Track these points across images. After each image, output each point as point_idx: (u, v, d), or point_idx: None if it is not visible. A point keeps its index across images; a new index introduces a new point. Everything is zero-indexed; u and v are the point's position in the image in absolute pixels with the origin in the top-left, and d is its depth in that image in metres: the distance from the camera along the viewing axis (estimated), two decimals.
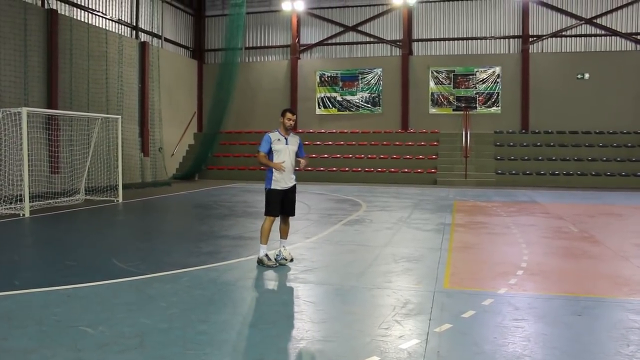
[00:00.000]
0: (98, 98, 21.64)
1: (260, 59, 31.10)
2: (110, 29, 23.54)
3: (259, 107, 30.18)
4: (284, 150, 7.54)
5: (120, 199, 16.26)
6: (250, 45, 30.86)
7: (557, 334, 4.83)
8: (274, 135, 7.59)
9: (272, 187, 7.51)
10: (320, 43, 29.98)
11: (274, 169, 7.45)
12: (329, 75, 29.59)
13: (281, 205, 7.52)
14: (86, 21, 22.12)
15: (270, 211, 7.51)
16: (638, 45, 26.66)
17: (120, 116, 17.71)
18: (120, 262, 7.54)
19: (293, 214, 7.72)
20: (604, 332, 4.88)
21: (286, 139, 7.62)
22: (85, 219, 12.95)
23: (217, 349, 4.29)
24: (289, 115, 7.66)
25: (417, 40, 28.93)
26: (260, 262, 7.40)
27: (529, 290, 6.29)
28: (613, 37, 26.91)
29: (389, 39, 29.05)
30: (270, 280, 6.65)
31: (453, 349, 4.38)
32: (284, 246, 7.59)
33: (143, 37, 25.92)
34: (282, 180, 7.52)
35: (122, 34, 24.21)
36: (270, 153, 7.54)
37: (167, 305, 5.48)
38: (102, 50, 22.02)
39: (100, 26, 22.91)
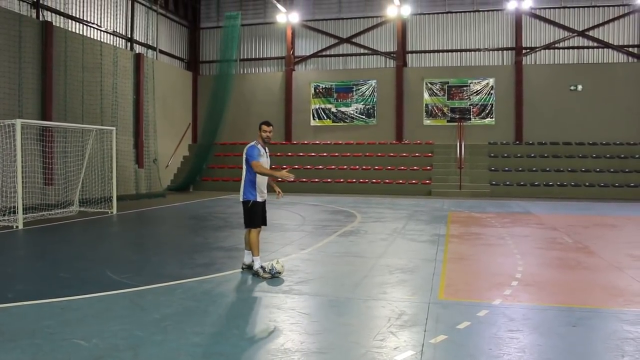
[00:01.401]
0: (93, 110, 21.63)
1: (255, 70, 31.20)
2: (105, 41, 23.59)
3: (254, 118, 30.06)
4: (266, 163, 7.63)
5: (115, 211, 16.21)
6: (245, 57, 30.97)
7: (551, 344, 4.83)
8: (260, 147, 7.63)
9: (257, 199, 7.60)
10: (315, 55, 30.11)
11: (255, 178, 7.54)
12: (324, 86, 29.69)
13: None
14: (81, 33, 22.15)
15: (257, 223, 7.64)
16: (630, 57, 26.90)
17: (114, 128, 17.69)
18: (114, 274, 7.51)
19: (266, 224, 7.92)
20: (598, 343, 4.89)
21: (266, 151, 7.70)
22: (79, 231, 12.89)
23: None
24: (265, 127, 7.72)
25: (411, 52, 29.09)
26: (255, 274, 7.43)
27: (524, 301, 6.29)
28: (605, 49, 27.14)
29: (383, 50, 29.20)
30: (265, 292, 6.63)
31: None
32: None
33: (138, 48, 25.97)
34: (263, 194, 7.71)
35: (117, 45, 24.25)
36: (251, 168, 7.56)
37: (161, 317, 5.46)
38: (97, 62, 22.04)
39: (95, 38, 22.94)
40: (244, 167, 7.62)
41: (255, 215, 7.62)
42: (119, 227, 13.95)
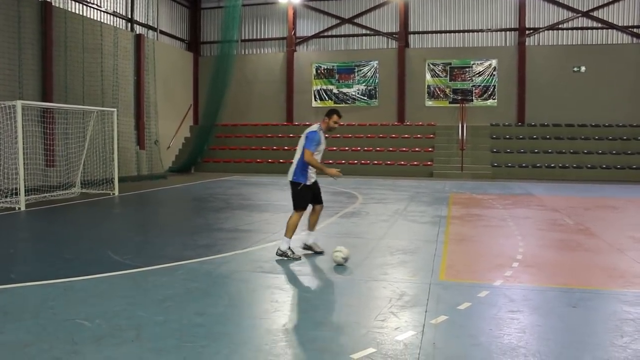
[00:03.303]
0: (93, 91, 21.55)
1: (257, 51, 31.02)
2: (106, 22, 23.43)
3: (255, 99, 30.16)
4: (322, 151, 7.48)
5: (116, 192, 16.23)
6: (246, 38, 30.77)
7: (551, 325, 4.86)
8: (322, 134, 7.38)
9: (308, 183, 7.40)
10: (317, 35, 29.91)
11: (309, 167, 7.32)
12: (325, 67, 29.54)
13: (312, 196, 7.53)
14: (81, 13, 22.00)
15: (303, 206, 7.45)
16: (634, 39, 26.66)
17: (115, 109, 17.66)
18: (117, 255, 7.54)
19: (321, 202, 7.78)
20: (598, 324, 4.91)
21: (325, 138, 7.49)
22: (81, 212, 12.93)
23: (214, 341, 4.30)
24: (336, 117, 7.43)
25: (414, 33, 28.88)
26: (283, 254, 7.35)
27: (525, 282, 6.32)
28: (609, 30, 26.90)
29: (385, 31, 28.99)
30: (266, 272, 6.66)
31: (449, 341, 4.40)
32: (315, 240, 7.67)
33: (138, 29, 25.81)
34: (313, 177, 7.50)
35: (118, 26, 24.10)
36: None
37: (163, 298, 5.49)
38: (97, 42, 21.91)
39: (95, 19, 22.79)
40: (300, 148, 7.39)
41: (302, 199, 7.43)
42: (120, 208, 13.99)
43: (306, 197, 7.43)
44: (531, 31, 27.40)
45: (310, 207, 7.67)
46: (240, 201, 14.67)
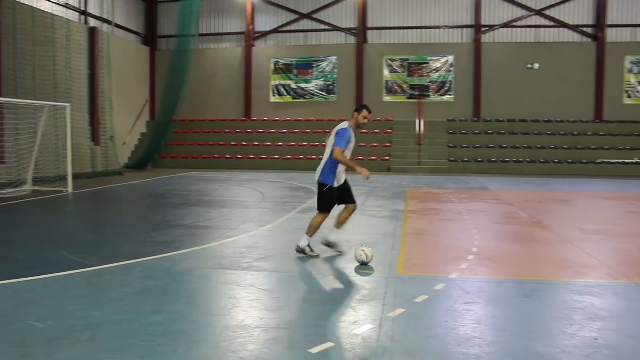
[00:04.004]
0: (45, 85, 20.97)
1: (214, 46, 30.71)
2: (58, 14, 22.78)
3: (213, 94, 29.87)
4: (352, 149, 7.16)
5: (70, 190, 15.84)
6: (204, 32, 30.41)
7: (506, 316, 4.98)
8: (352, 132, 7.09)
9: (335, 185, 7.15)
10: (275, 30, 29.80)
11: (339, 166, 7.06)
12: (284, 63, 29.47)
13: (342, 195, 7.29)
14: (31, 5, 21.34)
15: (328, 208, 7.26)
16: (584, 37, 27.46)
17: (69, 104, 17.20)
18: (70, 254, 7.37)
19: (354, 202, 7.45)
20: (549, 313, 5.06)
21: (355, 135, 7.19)
22: (32, 211, 12.58)
23: (172, 340, 4.25)
24: (366, 112, 7.11)
25: (372, 29, 29.06)
26: (301, 251, 7.22)
27: (480, 275, 6.45)
28: (561, 28, 27.64)
29: (343, 27, 29.09)
30: (225, 269, 6.62)
31: (406, 333, 4.46)
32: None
33: (92, 22, 25.21)
34: (341, 179, 7.22)
35: (70, 19, 23.48)
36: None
37: (119, 296, 5.40)
38: (48, 35, 21.31)
39: (47, 10, 22.14)
40: (329, 145, 7.13)
41: (327, 202, 7.22)
42: (74, 206, 13.67)
43: (331, 199, 7.22)
44: (487, 28, 27.91)
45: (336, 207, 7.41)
46: (199, 197, 14.53)
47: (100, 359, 3.88)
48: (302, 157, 26.35)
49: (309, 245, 7.25)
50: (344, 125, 7.16)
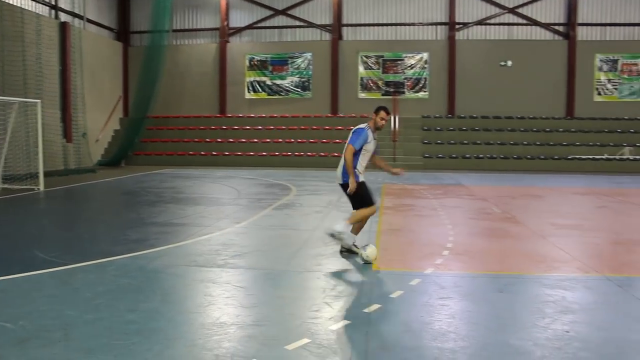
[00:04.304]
0: (15, 81, 20.55)
1: (189, 42, 30.41)
2: (27, 8, 22.33)
3: (187, 91, 29.61)
4: (371, 152, 6.99)
5: (42, 187, 15.57)
6: (178, 28, 30.08)
7: (480, 310, 5.04)
8: (370, 133, 6.89)
9: (359, 179, 6.91)
10: (250, 26, 29.64)
11: (357, 164, 6.88)
12: (259, 59, 29.34)
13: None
14: None
15: (369, 202, 6.95)
16: (556, 35, 27.87)
17: (40, 100, 16.89)
18: (42, 253, 7.25)
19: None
20: (522, 307, 5.14)
21: (374, 138, 7.01)
22: (3, 209, 12.33)
23: (147, 338, 4.21)
24: (383, 114, 6.92)
25: (347, 25, 29.09)
26: (333, 236, 6.95)
27: (455, 270, 6.52)
28: (534, 26, 28.01)
29: (318, 23, 29.06)
30: (201, 266, 6.58)
31: (382, 329, 4.49)
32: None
33: (63, 17, 24.79)
34: (362, 173, 7.01)
35: (40, 13, 23.04)
36: (357, 152, 6.86)
37: (92, 295, 5.33)
38: (17, 30, 20.86)
39: (15, 4, 21.68)
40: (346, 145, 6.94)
41: (365, 195, 6.94)
42: (46, 204, 13.46)
43: (367, 191, 6.95)
44: (461, 26, 28.14)
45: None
46: (173, 194, 14.41)
47: (74, 359, 3.83)
48: (277, 153, 26.29)
49: (341, 232, 6.93)
50: (362, 125, 7.01)
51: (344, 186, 6.97)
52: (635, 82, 27.63)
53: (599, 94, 27.73)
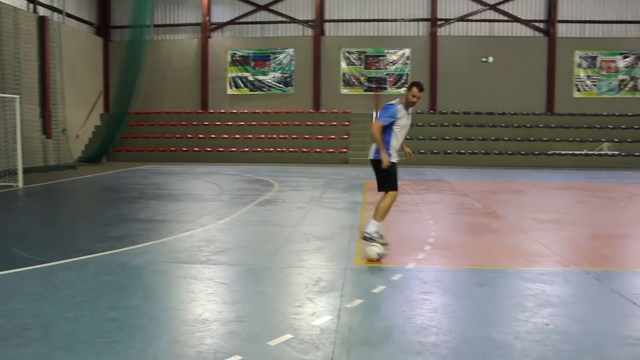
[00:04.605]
0: None
1: (170, 37, 30.19)
2: (4, 1, 21.97)
3: (169, 87, 29.40)
4: (406, 127, 6.81)
5: (21, 184, 15.38)
6: (159, 23, 29.84)
7: (461, 304, 5.08)
8: (401, 108, 6.72)
9: (392, 159, 6.71)
10: (232, 22, 29.50)
11: (391, 140, 6.70)
12: (241, 54, 29.22)
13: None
14: None
15: (393, 185, 6.76)
16: (536, 32, 28.12)
17: (18, 96, 16.66)
18: (22, 251, 7.16)
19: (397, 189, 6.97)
20: (503, 301, 5.20)
21: (408, 112, 6.84)
22: None
23: (129, 336, 4.19)
24: (415, 90, 6.71)
25: (329, 21, 29.08)
26: (370, 239, 6.71)
27: (436, 265, 6.57)
28: (514, 23, 28.23)
29: (301, 19, 29.01)
30: (183, 262, 6.55)
31: (364, 323, 4.51)
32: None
33: (42, 11, 24.44)
34: (395, 155, 6.85)
35: (18, 7, 22.69)
36: (388, 128, 6.70)
37: (73, 293, 5.28)
38: None
39: None
40: None
41: (391, 177, 6.76)
42: (25, 201, 13.30)
43: (393, 173, 6.77)
44: (442, 22, 28.27)
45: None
46: (155, 191, 14.32)
47: (54, 358, 3.80)
48: (259, 149, 26.25)
49: (377, 232, 6.77)
50: (394, 100, 6.87)
51: (374, 162, 6.83)
52: (613, 79, 28.00)
53: (579, 90, 28.08)
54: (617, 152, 25.24)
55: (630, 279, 6.01)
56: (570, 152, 25.33)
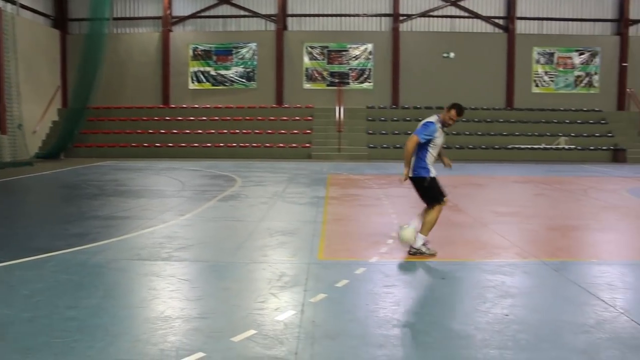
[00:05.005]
0: None
1: (130, 30, 29.62)
2: None
3: (129, 81, 28.86)
4: (439, 146, 6.85)
5: None
6: (119, 16, 29.25)
7: (423, 296, 5.17)
8: (439, 127, 6.77)
9: (432, 174, 6.74)
10: (194, 15, 29.13)
11: (426, 157, 6.74)
12: (203, 49, 28.89)
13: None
14: None
15: (440, 198, 6.77)
16: (496, 29, 28.60)
17: None
18: None
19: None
20: (464, 293, 5.29)
21: (443, 131, 6.90)
22: None
23: (88, 335, 4.11)
24: (453, 113, 6.83)
25: (292, 16, 28.98)
26: (417, 252, 6.66)
27: (399, 258, 6.64)
28: (475, 19, 28.63)
29: (263, 13, 28.83)
30: (144, 260, 6.46)
31: (328, 318, 4.53)
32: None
33: None
34: (434, 170, 6.84)
35: None
36: (424, 145, 6.72)
37: (30, 293, 5.15)
38: None
39: None
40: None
41: (437, 191, 6.76)
42: None
43: (439, 188, 6.79)
44: (405, 17, 28.48)
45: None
46: (115, 187, 14.07)
47: None
48: (222, 144, 26.03)
49: (424, 244, 6.74)
50: (433, 118, 6.86)
51: (415, 180, 6.83)
52: (569, 75, 28.70)
53: (537, 85, 28.71)
54: (573, 146, 25.90)
55: (586, 269, 6.18)
56: (529, 146, 25.87)
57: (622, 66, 28.49)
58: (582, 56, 28.64)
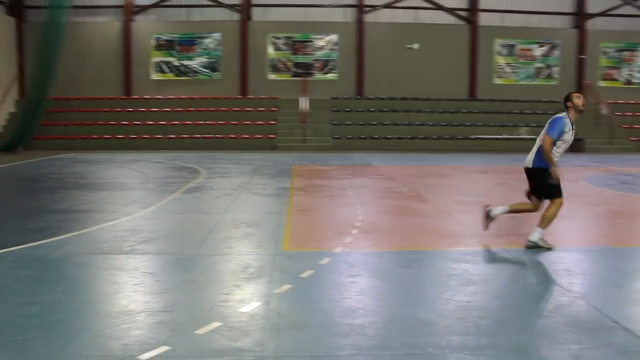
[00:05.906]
0: None
1: (90, 19, 28.89)
2: None
3: (90, 71, 28.19)
4: (568, 143, 6.63)
5: None
6: (78, 4, 28.45)
7: (387, 286, 5.21)
8: (568, 122, 6.55)
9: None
10: (156, 4, 28.57)
11: (555, 150, 6.52)
12: (165, 39, 28.43)
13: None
14: None
15: (560, 192, 6.54)
16: (459, 20, 28.90)
17: None
18: None
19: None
20: (428, 281, 5.37)
21: (572, 128, 6.63)
22: None
23: (48, 332, 4.03)
24: (577, 94, 6.69)
25: (256, 6, 28.71)
26: (534, 246, 6.51)
27: (363, 248, 6.68)
28: (438, 11, 28.84)
29: (227, 2, 28.48)
30: (106, 253, 6.36)
31: (293, 308, 4.54)
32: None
33: None
34: (557, 163, 6.59)
35: None
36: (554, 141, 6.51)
37: None
38: None
39: None
40: (541, 134, 6.68)
41: (556, 186, 6.52)
42: None
43: (558, 182, 6.56)
44: (369, 8, 28.48)
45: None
46: (76, 180, 13.80)
47: None
48: (185, 136, 25.70)
49: (542, 238, 6.57)
50: (560, 114, 6.66)
51: (532, 171, 6.72)
52: (530, 67, 29.23)
53: (499, 77, 29.14)
54: (533, 136, 26.31)
55: (545, 256, 6.32)
56: (491, 137, 26.27)
57: (580, 59, 29.14)
58: (542, 48, 29.18)
